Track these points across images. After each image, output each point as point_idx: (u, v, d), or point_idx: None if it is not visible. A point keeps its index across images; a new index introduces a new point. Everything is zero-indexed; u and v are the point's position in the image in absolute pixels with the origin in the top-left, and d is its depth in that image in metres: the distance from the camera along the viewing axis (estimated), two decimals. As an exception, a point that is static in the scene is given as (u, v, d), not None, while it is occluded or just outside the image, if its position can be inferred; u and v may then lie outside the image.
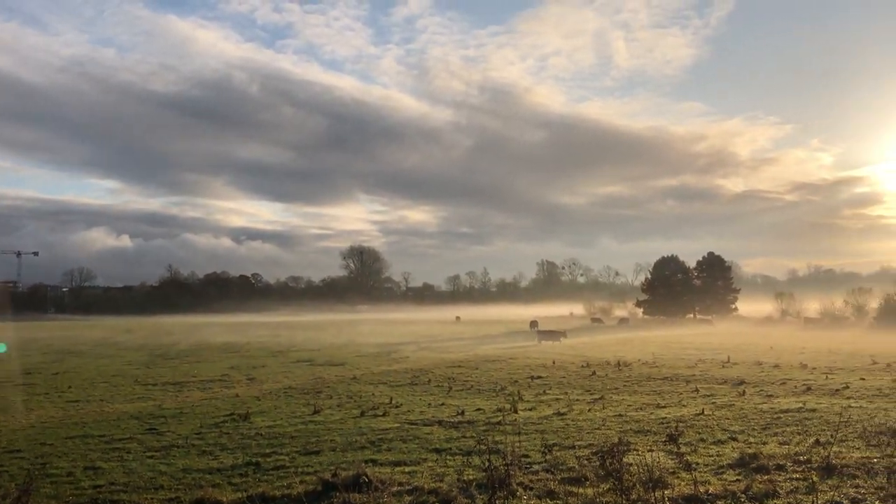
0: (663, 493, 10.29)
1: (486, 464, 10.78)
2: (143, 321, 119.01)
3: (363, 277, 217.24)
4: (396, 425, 17.35)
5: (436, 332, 74.90)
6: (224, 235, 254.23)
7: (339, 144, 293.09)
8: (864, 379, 26.53)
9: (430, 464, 12.94)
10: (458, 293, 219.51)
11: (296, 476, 12.18)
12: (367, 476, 11.26)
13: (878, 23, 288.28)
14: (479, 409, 19.98)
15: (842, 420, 16.51)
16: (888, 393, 22.26)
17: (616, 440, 13.17)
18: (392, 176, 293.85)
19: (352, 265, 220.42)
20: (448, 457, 13.56)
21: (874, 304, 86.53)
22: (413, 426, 17.23)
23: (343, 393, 24.27)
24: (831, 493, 10.31)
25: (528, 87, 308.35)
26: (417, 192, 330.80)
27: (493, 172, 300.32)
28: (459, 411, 19.33)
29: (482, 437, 14.88)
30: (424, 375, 29.92)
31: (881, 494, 10.11)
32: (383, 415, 19.14)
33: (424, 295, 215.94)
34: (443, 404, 21.25)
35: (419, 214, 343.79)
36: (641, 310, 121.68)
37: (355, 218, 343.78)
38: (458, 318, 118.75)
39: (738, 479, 11.23)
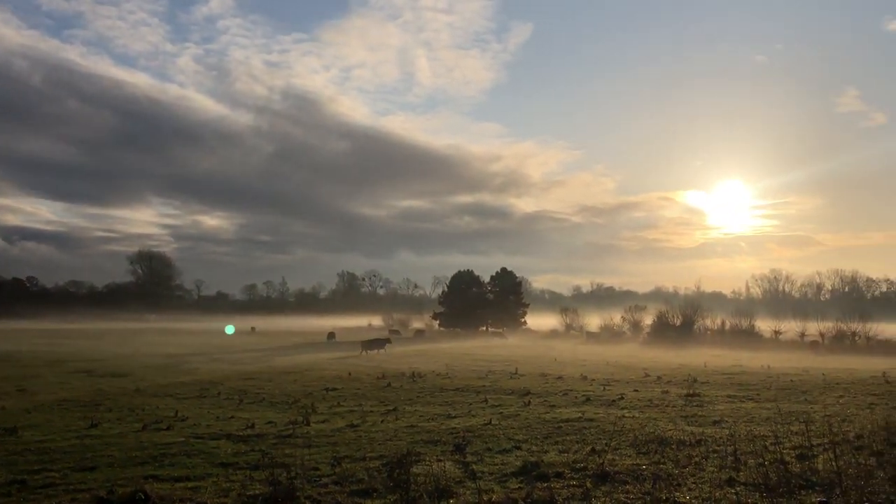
0: (448, 502, 10.53)
1: (271, 478, 10.55)
2: None
3: (151, 284, 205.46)
4: (181, 439, 16.58)
5: (229, 343, 72.69)
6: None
7: (130, 143, 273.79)
8: (637, 391, 28.51)
9: (214, 479, 12.43)
10: (255, 303, 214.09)
11: (67, 494, 11.30)
12: (145, 493, 10.66)
13: (653, 68, 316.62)
14: (270, 422, 19.54)
15: (616, 429, 17.69)
16: (658, 404, 24.02)
17: (406, 451, 13.32)
18: (186, 179, 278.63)
19: (139, 271, 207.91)
20: (234, 471, 13.10)
21: (648, 320, 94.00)
22: (199, 440, 16.54)
23: (125, 405, 22.97)
24: (604, 498, 10.95)
25: (332, 96, 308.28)
26: (213, 196, 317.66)
27: (295, 180, 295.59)
28: (250, 424, 18.80)
29: (269, 451, 14.58)
30: (214, 388, 28.91)
31: (647, 499, 10.86)
32: (167, 428, 18.27)
33: (218, 304, 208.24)
34: (232, 417, 20.61)
35: (214, 220, 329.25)
36: (438, 322, 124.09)
37: (145, 221, 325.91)
38: (253, 328, 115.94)
39: (520, 487, 11.66)
